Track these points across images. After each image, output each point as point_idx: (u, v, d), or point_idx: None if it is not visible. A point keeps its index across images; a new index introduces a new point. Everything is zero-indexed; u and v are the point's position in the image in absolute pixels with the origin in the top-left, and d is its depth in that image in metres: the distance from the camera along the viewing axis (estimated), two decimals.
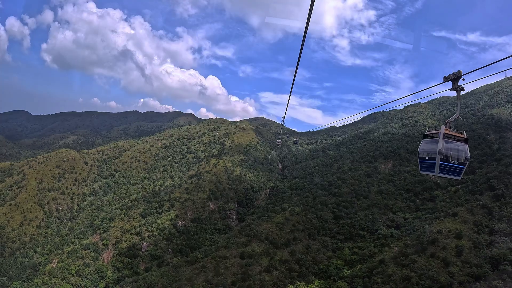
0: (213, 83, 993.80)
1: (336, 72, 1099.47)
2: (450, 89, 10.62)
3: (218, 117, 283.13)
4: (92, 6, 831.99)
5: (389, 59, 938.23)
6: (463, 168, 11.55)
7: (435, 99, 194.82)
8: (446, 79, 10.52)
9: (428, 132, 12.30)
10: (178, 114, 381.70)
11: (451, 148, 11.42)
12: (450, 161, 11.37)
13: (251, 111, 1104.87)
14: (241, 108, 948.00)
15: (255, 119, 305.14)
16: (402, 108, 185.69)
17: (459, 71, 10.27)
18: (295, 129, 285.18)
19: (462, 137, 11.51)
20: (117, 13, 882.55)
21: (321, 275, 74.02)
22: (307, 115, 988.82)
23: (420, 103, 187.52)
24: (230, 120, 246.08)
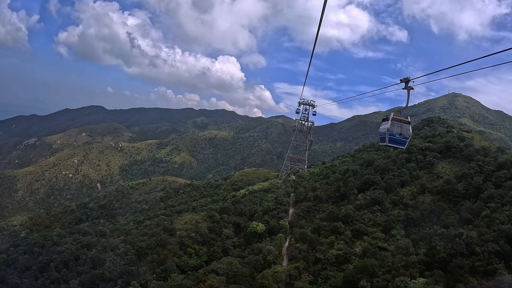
0: (230, 72, 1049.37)
1: (350, 65, 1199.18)
2: (403, 88, 16.43)
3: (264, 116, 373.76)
4: None
5: (403, 52, 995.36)
6: (407, 140, 19.43)
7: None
8: (401, 80, 16.27)
9: (385, 117, 20.34)
10: (224, 112, 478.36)
11: (397, 127, 19.22)
12: (396, 135, 19.19)
13: (269, 101, 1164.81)
14: (256, 98, 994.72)
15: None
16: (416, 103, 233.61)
17: (408, 77, 15.96)
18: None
19: (407, 121, 19.54)
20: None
21: None
22: (322, 107, 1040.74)
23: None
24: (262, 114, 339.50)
